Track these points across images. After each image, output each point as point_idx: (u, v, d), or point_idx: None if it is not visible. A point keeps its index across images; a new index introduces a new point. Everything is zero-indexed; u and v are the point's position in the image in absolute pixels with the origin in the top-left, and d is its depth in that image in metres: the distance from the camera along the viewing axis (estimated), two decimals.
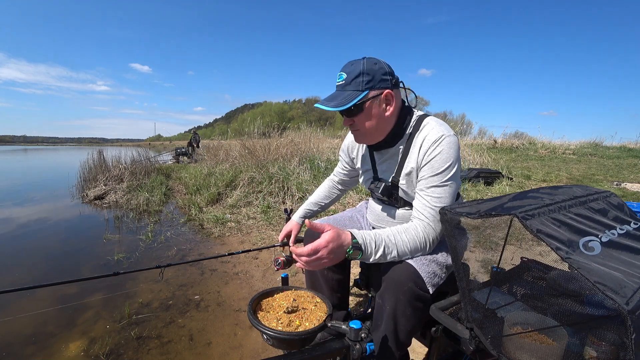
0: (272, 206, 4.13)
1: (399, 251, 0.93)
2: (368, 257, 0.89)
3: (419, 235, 0.94)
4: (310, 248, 0.82)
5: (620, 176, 6.44)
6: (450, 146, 0.95)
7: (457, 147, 0.97)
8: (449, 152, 0.95)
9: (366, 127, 0.99)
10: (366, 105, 0.95)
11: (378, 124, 0.99)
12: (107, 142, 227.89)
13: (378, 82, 0.94)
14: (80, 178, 6.36)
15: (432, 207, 0.95)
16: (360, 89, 0.93)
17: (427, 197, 0.96)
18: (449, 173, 0.95)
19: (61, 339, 1.74)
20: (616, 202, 0.88)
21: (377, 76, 0.94)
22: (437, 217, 0.94)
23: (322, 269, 1.23)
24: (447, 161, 0.95)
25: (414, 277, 0.90)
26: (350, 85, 0.94)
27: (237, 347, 1.65)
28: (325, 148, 6.31)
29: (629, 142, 12.24)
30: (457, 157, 0.96)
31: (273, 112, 41.03)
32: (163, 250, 3.07)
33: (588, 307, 0.71)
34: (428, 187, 0.96)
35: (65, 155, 23.12)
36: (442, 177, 0.95)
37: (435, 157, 0.95)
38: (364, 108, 0.95)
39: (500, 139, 11.87)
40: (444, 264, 0.98)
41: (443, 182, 0.95)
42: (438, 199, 0.95)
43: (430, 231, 0.95)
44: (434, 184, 0.95)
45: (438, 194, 0.95)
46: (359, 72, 0.93)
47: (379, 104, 0.96)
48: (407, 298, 0.90)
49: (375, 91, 0.94)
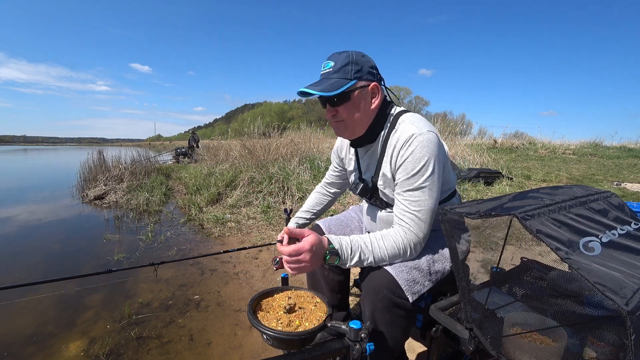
0: (272, 206, 4.13)
1: (376, 257, 0.90)
2: (345, 262, 0.87)
3: (397, 242, 0.90)
4: (292, 248, 0.81)
5: (620, 176, 6.44)
6: (423, 145, 0.89)
7: (431, 144, 0.90)
8: (421, 152, 0.89)
9: (350, 117, 0.95)
10: (354, 94, 0.92)
11: (362, 116, 0.95)
12: (107, 142, 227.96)
13: (366, 74, 0.93)
14: (80, 178, 6.36)
15: (410, 212, 0.91)
16: (348, 77, 0.90)
17: (404, 202, 0.92)
18: (424, 174, 0.89)
19: (61, 339, 1.74)
20: (616, 202, 0.88)
21: (365, 67, 0.92)
22: (418, 222, 0.91)
23: (321, 269, 1.23)
24: (419, 161, 0.89)
25: (390, 284, 0.88)
26: (337, 73, 0.91)
27: (237, 347, 1.65)
28: (325, 148, 6.30)
29: (629, 142, 12.24)
30: (432, 154, 0.90)
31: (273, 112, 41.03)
32: (163, 250, 3.07)
33: (588, 307, 0.71)
34: (404, 191, 0.92)
35: (65, 155, 23.12)
36: (417, 179, 0.90)
37: (407, 158, 0.90)
38: (351, 97, 0.92)
39: (500, 139, 11.87)
40: (428, 271, 0.94)
41: (420, 184, 0.90)
42: (416, 202, 0.90)
43: (411, 237, 0.91)
44: (410, 187, 0.91)
45: (416, 197, 0.90)
46: (348, 61, 0.91)
47: (365, 95, 0.94)
48: (384, 305, 0.89)
49: (363, 82, 0.92)
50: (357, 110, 0.94)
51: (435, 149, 0.91)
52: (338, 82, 0.90)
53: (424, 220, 0.91)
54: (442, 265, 0.97)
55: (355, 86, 0.91)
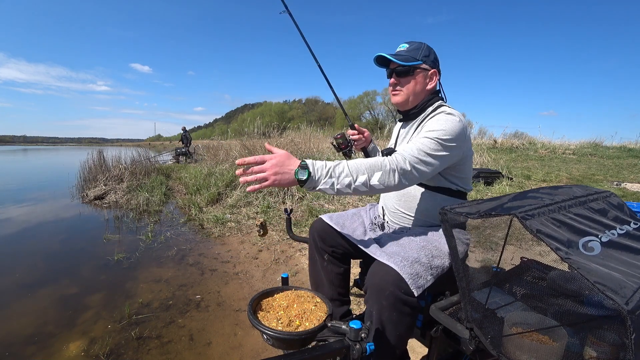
0: (272, 206, 4.13)
1: (351, 167, 0.86)
2: (316, 177, 0.84)
3: (380, 159, 0.90)
4: (257, 157, 0.84)
5: (620, 176, 6.44)
6: (449, 120, 0.99)
7: (457, 126, 0.99)
8: (445, 123, 0.99)
9: (408, 89, 1.12)
10: (416, 71, 1.10)
11: (417, 92, 1.12)
12: (107, 142, 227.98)
13: (431, 61, 1.11)
14: (80, 178, 6.36)
15: (409, 147, 0.95)
16: (417, 58, 1.09)
17: (409, 143, 0.98)
18: (440, 135, 0.96)
19: (61, 339, 1.74)
20: (616, 202, 0.88)
21: (432, 56, 1.11)
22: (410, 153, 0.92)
23: (320, 261, 1.23)
24: (440, 125, 0.98)
25: (396, 280, 0.88)
26: (410, 52, 1.10)
27: (237, 347, 1.65)
28: (325, 148, 6.30)
29: (628, 142, 12.23)
30: (454, 131, 0.97)
31: (273, 112, 41.07)
32: (163, 250, 3.07)
33: (588, 307, 0.71)
34: (415, 137, 1.03)
35: (65, 155, 23.12)
36: (430, 134, 0.97)
37: (432, 121, 1.03)
38: (414, 73, 1.10)
39: (500, 139, 11.87)
40: (429, 265, 0.95)
41: (431, 137, 0.96)
42: (419, 143, 0.95)
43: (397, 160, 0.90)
44: (421, 135, 0.99)
45: (421, 142, 0.95)
46: (419, 46, 1.10)
47: (424, 76, 1.11)
48: (390, 303, 0.88)
49: (426, 65, 1.10)
50: (415, 85, 1.11)
51: (459, 130, 0.99)
52: (408, 58, 1.09)
53: (416, 155, 0.93)
54: (441, 262, 0.98)
55: (419, 66, 1.09)
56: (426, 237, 1.06)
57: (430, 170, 0.95)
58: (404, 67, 1.08)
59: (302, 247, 2.87)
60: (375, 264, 0.96)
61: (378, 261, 0.95)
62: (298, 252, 2.83)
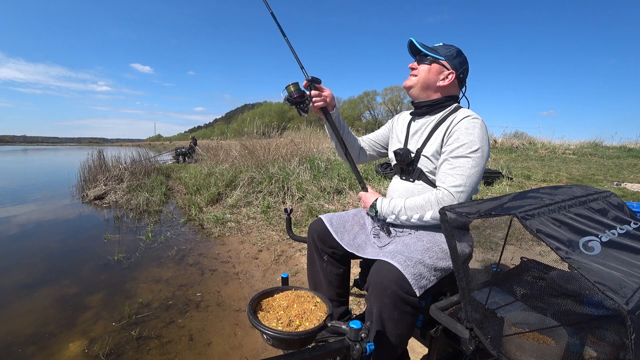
0: (272, 206, 4.13)
1: (406, 207, 1.07)
2: (382, 214, 1.13)
3: (429, 198, 1.03)
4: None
5: (620, 176, 6.44)
6: (477, 126, 1.03)
7: (483, 131, 1.04)
8: (474, 130, 1.02)
9: (422, 77, 1.15)
10: (436, 64, 1.13)
11: (429, 83, 1.14)
12: (107, 142, 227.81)
13: (453, 63, 1.14)
14: (80, 178, 6.35)
15: (449, 174, 1.02)
16: (442, 54, 1.13)
17: (447, 166, 1.04)
18: (472, 147, 1.01)
19: (61, 339, 1.74)
20: (616, 202, 0.88)
21: (458, 60, 1.14)
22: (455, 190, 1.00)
23: (319, 262, 1.24)
24: (470, 136, 1.01)
25: (398, 280, 0.88)
26: (438, 48, 1.16)
27: (237, 347, 1.65)
28: (325, 148, 6.30)
29: (628, 142, 12.23)
30: (482, 138, 1.02)
31: (273, 112, 41.03)
32: (163, 250, 3.07)
33: (588, 307, 0.71)
34: (449, 157, 1.04)
35: (65, 155, 23.12)
36: (464, 150, 1.01)
37: (461, 130, 1.04)
38: (432, 63, 1.14)
39: (500, 139, 11.87)
40: (433, 266, 0.96)
41: (466, 154, 1.01)
42: (458, 167, 1.01)
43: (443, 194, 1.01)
44: (456, 155, 1.02)
45: (459, 164, 1.01)
46: (450, 48, 1.15)
47: (439, 71, 1.14)
48: (391, 302, 0.89)
49: (446, 63, 1.13)
50: (427, 74, 1.14)
51: (486, 137, 1.05)
52: (433, 50, 1.14)
53: (459, 183, 1.00)
54: (446, 264, 0.99)
55: (438, 60, 1.13)
56: (432, 238, 1.06)
57: (475, 183, 1.03)
58: (423, 54, 1.14)
59: (302, 247, 2.87)
60: (379, 262, 0.96)
61: (381, 259, 0.96)
62: (298, 252, 2.83)
